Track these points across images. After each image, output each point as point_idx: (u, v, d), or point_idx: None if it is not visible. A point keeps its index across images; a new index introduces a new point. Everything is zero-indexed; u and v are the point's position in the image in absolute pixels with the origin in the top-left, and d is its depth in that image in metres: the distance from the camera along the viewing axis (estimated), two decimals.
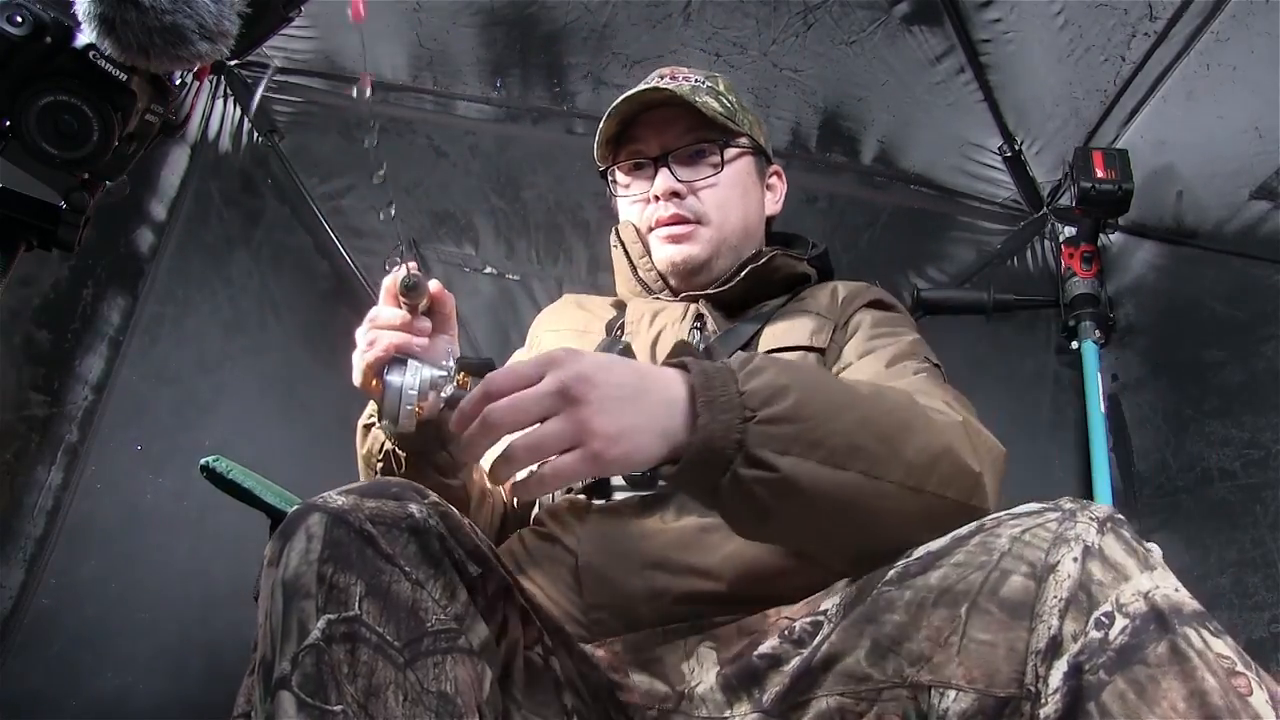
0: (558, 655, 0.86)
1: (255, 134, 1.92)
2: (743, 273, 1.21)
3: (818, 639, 0.81)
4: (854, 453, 0.76)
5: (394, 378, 0.91)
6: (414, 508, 0.77)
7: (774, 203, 1.35)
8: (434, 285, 0.98)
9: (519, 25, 1.72)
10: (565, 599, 0.97)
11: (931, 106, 1.73)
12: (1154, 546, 1.16)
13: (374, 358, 0.93)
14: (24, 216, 0.74)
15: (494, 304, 2.08)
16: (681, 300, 1.23)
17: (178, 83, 0.76)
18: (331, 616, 0.69)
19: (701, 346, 1.16)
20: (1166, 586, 0.66)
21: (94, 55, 0.68)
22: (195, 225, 1.86)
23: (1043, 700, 0.66)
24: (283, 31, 1.70)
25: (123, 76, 0.69)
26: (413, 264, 0.96)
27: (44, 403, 1.62)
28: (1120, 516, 0.71)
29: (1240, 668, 0.62)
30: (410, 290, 0.94)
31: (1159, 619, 0.64)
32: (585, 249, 2.00)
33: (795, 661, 0.82)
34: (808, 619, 0.84)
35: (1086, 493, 1.71)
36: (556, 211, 1.97)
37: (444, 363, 0.94)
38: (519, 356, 1.37)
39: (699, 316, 1.20)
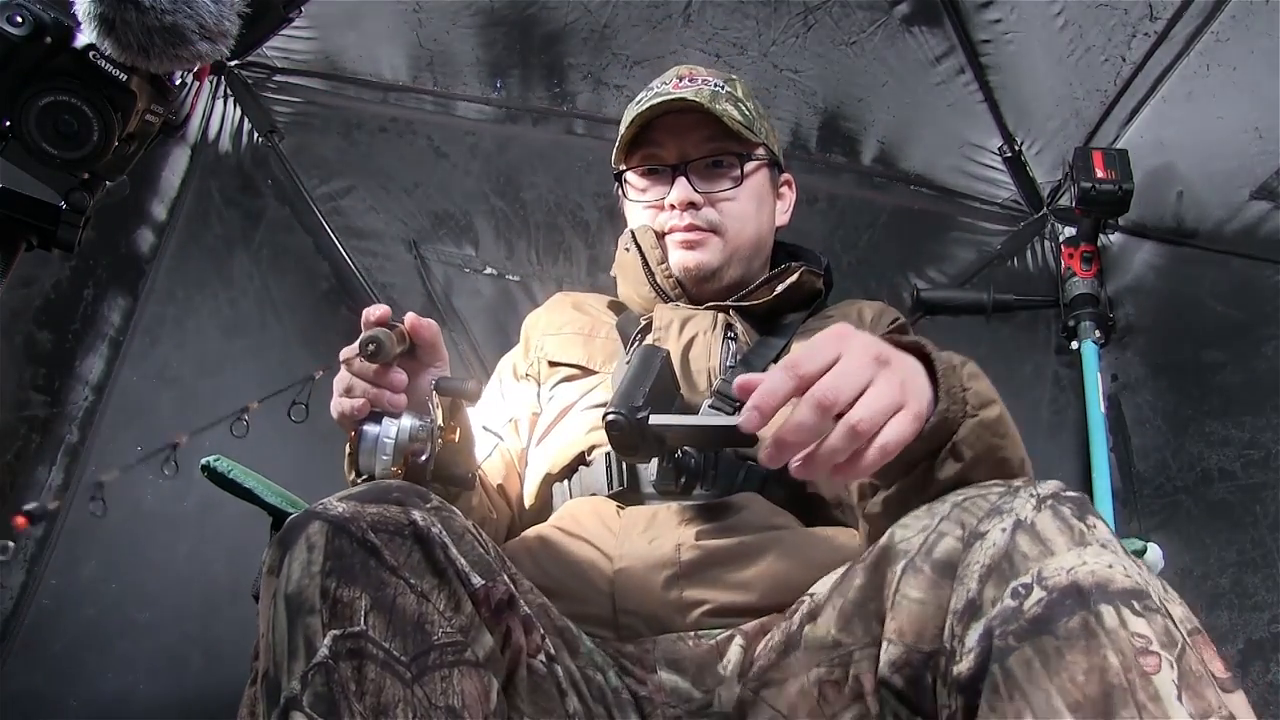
0: (560, 661, 0.86)
1: (255, 134, 1.92)
2: (779, 288, 1.22)
3: (798, 619, 0.85)
4: (1008, 463, 0.82)
5: (370, 428, 0.87)
6: (416, 514, 0.76)
7: (784, 212, 1.35)
8: (409, 318, 0.94)
9: (519, 25, 1.72)
10: (594, 600, 0.96)
11: (932, 107, 1.73)
12: (1154, 547, 1.16)
13: (349, 409, 0.89)
14: (24, 216, 0.74)
15: (494, 304, 2.08)
16: (709, 309, 1.23)
17: (178, 83, 0.76)
18: (337, 632, 0.68)
19: (738, 357, 1.16)
20: (1097, 563, 0.66)
21: (94, 55, 0.69)
22: (195, 225, 1.86)
23: (958, 658, 0.68)
24: (283, 32, 1.72)
25: (123, 76, 0.70)
26: (377, 311, 0.88)
27: (44, 403, 1.62)
28: (1069, 495, 0.72)
29: (1156, 648, 0.63)
30: (373, 355, 0.85)
31: (1077, 594, 0.65)
32: (585, 249, 2.00)
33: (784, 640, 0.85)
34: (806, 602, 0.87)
35: (1086, 493, 1.71)
36: (556, 212, 1.98)
37: (424, 418, 0.89)
38: (511, 357, 1.36)
39: (729, 326, 1.20)
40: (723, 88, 1.25)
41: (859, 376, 0.70)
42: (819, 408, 0.68)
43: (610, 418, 0.93)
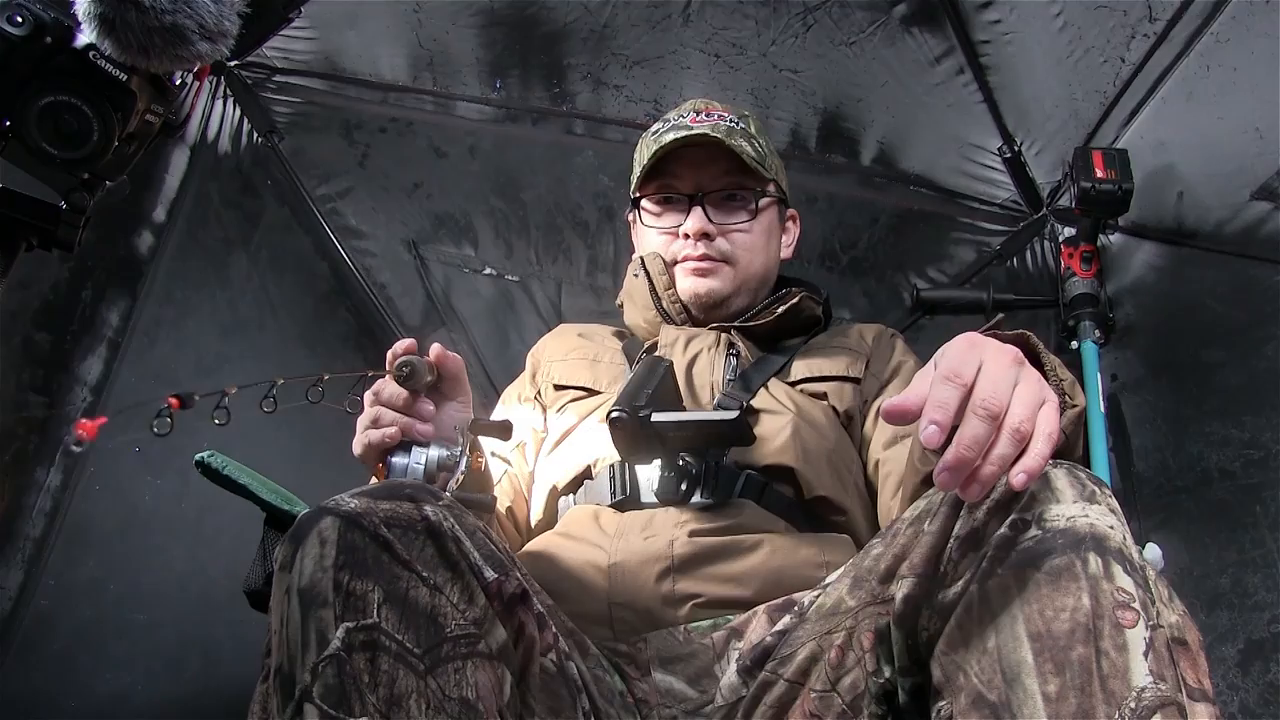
0: (574, 659, 0.86)
1: (255, 134, 1.92)
2: (780, 309, 1.28)
3: (808, 599, 0.88)
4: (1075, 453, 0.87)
5: (398, 459, 0.89)
6: (429, 509, 0.77)
7: (788, 246, 1.42)
8: (435, 350, 0.97)
9: (519, 25, 1.72)
10: (590, 597, 0.98)
11: (931, 107, 1.73)
12: (1154, 547, 1.17)
13: (379, 438, 0.92)
14: (24, 216, 0.74)
15: (493, 305, 2.08)
16: (712, 329, 1.27)
17: (178, 83, 0.76)
18: (350, 625, 0.69)
19: (738, 373, 1.20)
20: (1099, 521, 0.68)
21: (94, 55, 0.68)
22: (194, 226, 1.86)
23: (948, 582, 0.71)
24: (283, 32, 1.72)
25: (123, 76, 0.70)
26: (404, 344, 0.92)
27: (43, 404, 1.62)
28: (1090, 472, 0.73)
29: (1136, 606, 0.63)
30: (407, 379, 0.90)
31: (1072, 539, 0.66)
32: (585, 250, 2.00)
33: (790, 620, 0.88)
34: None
35: None
36: (556, 212, 1.97)
37: (451, 448, 0.91)
38: (516, 386, 1.39)
39: (731, 345, 1.25)
40: (738, 124, 1.31)
41: (1008, 378, 0.68)
42: (989, 416, 0.65)
43: (614, 415, 0.95)
